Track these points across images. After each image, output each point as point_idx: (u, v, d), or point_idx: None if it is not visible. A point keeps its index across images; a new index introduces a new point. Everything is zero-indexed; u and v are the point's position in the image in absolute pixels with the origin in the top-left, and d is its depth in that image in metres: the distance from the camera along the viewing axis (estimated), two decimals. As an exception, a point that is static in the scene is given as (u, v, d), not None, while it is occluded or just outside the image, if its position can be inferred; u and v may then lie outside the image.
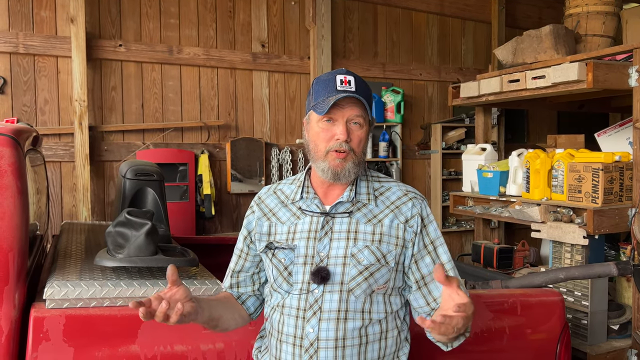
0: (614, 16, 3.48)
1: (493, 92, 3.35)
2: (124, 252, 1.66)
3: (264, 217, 1.45)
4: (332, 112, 1.32)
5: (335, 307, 1.32)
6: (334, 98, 1.29)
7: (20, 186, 1.52)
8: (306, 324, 1.33)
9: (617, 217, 2.75)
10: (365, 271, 1.33)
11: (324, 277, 1.32)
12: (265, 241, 1.43)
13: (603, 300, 2.81)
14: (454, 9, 5.26)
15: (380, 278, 1.35)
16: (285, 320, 1.36)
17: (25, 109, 3.78)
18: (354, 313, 1.33)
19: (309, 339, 1.32)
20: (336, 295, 1.33)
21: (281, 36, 4.57)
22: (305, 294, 1.34)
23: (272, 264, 1.40)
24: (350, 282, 1.33)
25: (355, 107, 1.33)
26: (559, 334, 1.98)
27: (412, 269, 1.39)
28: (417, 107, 5.14)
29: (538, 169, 3.08)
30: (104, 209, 3.99)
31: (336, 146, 1.32)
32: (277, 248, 1.39)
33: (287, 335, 1.35)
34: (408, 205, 1.40)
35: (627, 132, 3.26)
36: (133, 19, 4.07)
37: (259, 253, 1.44)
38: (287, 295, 1.37)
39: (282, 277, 1.38)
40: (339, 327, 1.32)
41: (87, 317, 1.53)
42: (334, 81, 1.33)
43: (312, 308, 1.33)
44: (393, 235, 1.37)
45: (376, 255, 1.34)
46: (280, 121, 4.59)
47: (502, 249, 3.36)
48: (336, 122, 1.33)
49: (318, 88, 1.36)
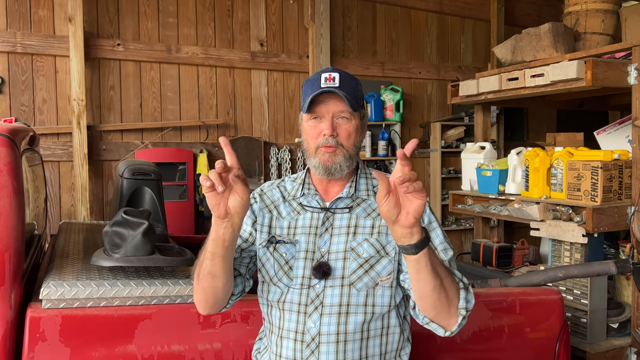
0: (613, 14, 3.47)
1: (492, 91, 3.34)
2: (120, 251, 1.66)
3: (265, 209, 1.45)
4: (317, 110, 1.35)
5: (337, 301, 1.33)
6: (314, 94, 1.33)
7: (16, 186, 1.52)
8: (308, 319, 1.33)
9: (616, 215, 2.75)
10: (366, 264, 1.34)
11: (325, 271, 1.33)
12: (266, 233, 1.42)
13: (602, 299, 2.80)
14: (453, 7, 5.25)
15: (383, 270, 1.35)
16: (286, 316, 1.36)
17: (24, 109, 3.77)
18: (355, 307, 1.33)
19: (310, 333, 1.33)
20: (337, 289, 1.33)
21: (280, 35, 4.56)
22: (306, 289, 1.35)
23: (273, 257, 1.40)
24: (351, 276, 1.34)
25: (338, 102, 1.34)
26: (558, 333, 1.98)
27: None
28: (416, 105, 5.13)
29: (537, 167, 3.07)
30: (102, 208, 3.99)
31: (323, 142, 1.34)
32: (278, 242, 1.40)
33: (289, 330, 1.35)
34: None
35: (626, 130, 3.25)
36: (131, 18, 4.06)
37: (259, 246, 1.43)
38: (287, 290, 1.36)
39: (283, 271, 1.38)
40: (340, 321, 1.32)
41: (83, 317, 1.53)
42: (319, 80, 1.36)
43: (314, 303, 1.34)
44: None
45: (375, 247, 1.35)
46: (279, 120, 4.58)
47: (502, 247, 3.36)
48: (322, 119, 1.36)
49: (306, 88, 1.40)
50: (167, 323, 1.60)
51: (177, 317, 1.62)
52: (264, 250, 1.42)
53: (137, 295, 1.59)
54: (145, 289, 1.60)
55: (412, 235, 1.12)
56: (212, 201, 1.17)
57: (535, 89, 3.04)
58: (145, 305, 1.60)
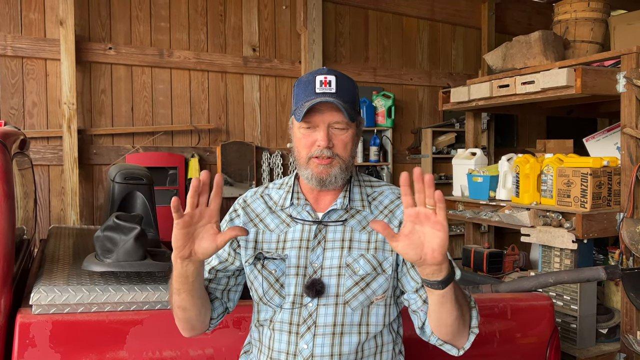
0: (602, 23, 3.51)
1: (483, 97, 3.36)
2: (112, 256, 1.65)
3: (250, 223, 1.34)
4: (311, 118, 1.23)
5: (331, 321, 1.25)
6: (310, 103, 1.21)
7: (6, 190, 1.50)
8: (300, 340, 1.25)
9: (605, 222, 2.77)
10: (362, 281, 1.26)
11: (318, 290, 1.24)
12: (251, 249, 1.31)
13: (592, 304, 2.82)
14: (444, 15, 5.29)
15: (379, 288, 1.27)
16: (277, 337, 1.27)
17: (13, 112, 3.74)
18: (350, 327, 1.26)
19: (302, 355, 1.24)
20: (331, 308, 1.25)
21: (272, 40, 4.57)
22: (298, 308, 1.26)
23: (261, 275, 1.29)
24: (346, 294, 1.25)
25: (334, 112, 1.23)
26: (548, 338, 1.99)
27: (404, 262, 1.29)
28: (408, 111, 5.16)
29: (527, 173, 3.10)
30: (92, 213, 3.96)
31: (317, 153, 1.24)
32: (266, 258, 1.29)
33: (279, 352, 1.27)
34: (401, 209, 1.29)
35: (615, 138, 3.29)
36: (123, 22, 4.05)
37: (245, 263, 1.32)
38: (280, 310, 1.28)
39: (274, 290, 1.28)
40: (334, 342, 1.24)
41: (74, 322, 1.51)
42: (313, 83, 1.24)
43: (306, 323, 1.25)
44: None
45: (372, 264, 1.27)
46: (271, 125, 4.58)
47: (492, 253, 3.37)
48: (317, 128, 1.24)
49: (298, 91, 1.28)
50: (158, 329, 1.59)
51: (169, 323, 1.60)
52: (250, 267, 1.31)
53: (129, 301, 1.58)
54: (137, 295, 1.59)
55: (441, 271, 1.06)
56: (180, 241, 1.08)
57: (525, 95, 3.06)
58: (136, 311, 1.59)
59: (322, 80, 1.24)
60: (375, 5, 4.95)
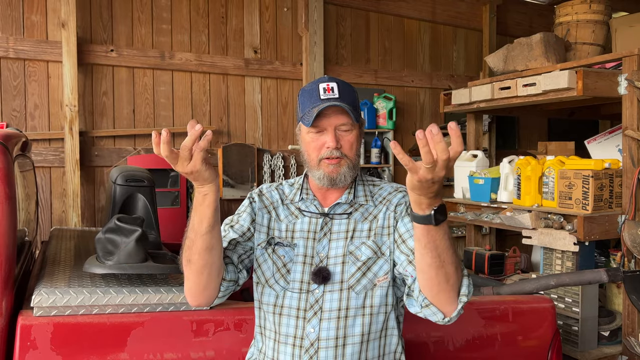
0: (604, 25, 3.52)
1: (484, 99, 3.37)
2: (113, 258, 1.65)
3: (264, 209, 1.45)
4: (319, 122, 1.34)
5: (336, 306, 1.34)
6: (318, 109, 1.32)
7: (8, 192, 1.51)
8: (307, 324, 1.34)
9: (607, 224, 2.77)
10: (364, 266, 1.35)
11: (325, 276, 1.34)
12: (264, 234, 1.42)
13: (593, 307, 2.82)
14: (445, 17, 5.29)
15: (379, 270, 1.36)
16: (284, 321, 1.36)
17: (15, 114, 3.75)
18: (355, 310, 1.34)
19: (309, 339, 1.33)
20: (337, 294, 1.34)
21: (274, 42, 4.57)
22: (305, 294, 1.35)
23: (271, 259, 1.40)
24: (350, 279, 1.35)
25: (340, 115, 1.34)
26: (550, 341, 1.99)
27: (396, 237, 1.36)
28: (409, 113, 5.16)
29: (529, 175, 3.09)
30: (94, 214, 3.96)
31: (327, 154, 1.35)
32: (277, 244, 1.41)
33: (287, 335, 1.35)
34: (398, 196, 1.42)
35: (616, 140, 3.28)
36: (125, 24, 4.05)
37: (257, 246, 1.42)
38: (283, 293, 1.37)
39: (280, 274, 1.38)
40: (339, 325, 1.33)
41: (75, 325, 1.52)
42: (317, 91, 1.35)
43: (313, 308, 1.34)
44: (386, 226, 1.39)
45: (372, 249, 1.37)
46: (272, 127, 4.58)
47: (494, 255, 3.37)
48: (325, 131, 1.35)
49: (303, 99, 1.39)
50: (160, 331, 1.59)
51: (170, 325, 1.61)
52: (262, 250, 1.41)
53: (130, 303, 1.58)
54: (138, 297, 1.59)
55: (437, 196, 1.14)
56: (174, 160, 1.14)
57: (527, 98, 3.06)
58: (137, 313, 1.59)
59: (325, 87, 1.36)
60: (376, 7, 4.96)
